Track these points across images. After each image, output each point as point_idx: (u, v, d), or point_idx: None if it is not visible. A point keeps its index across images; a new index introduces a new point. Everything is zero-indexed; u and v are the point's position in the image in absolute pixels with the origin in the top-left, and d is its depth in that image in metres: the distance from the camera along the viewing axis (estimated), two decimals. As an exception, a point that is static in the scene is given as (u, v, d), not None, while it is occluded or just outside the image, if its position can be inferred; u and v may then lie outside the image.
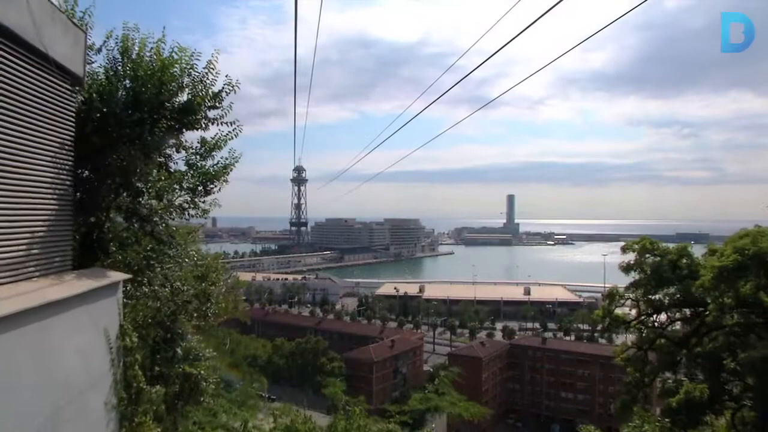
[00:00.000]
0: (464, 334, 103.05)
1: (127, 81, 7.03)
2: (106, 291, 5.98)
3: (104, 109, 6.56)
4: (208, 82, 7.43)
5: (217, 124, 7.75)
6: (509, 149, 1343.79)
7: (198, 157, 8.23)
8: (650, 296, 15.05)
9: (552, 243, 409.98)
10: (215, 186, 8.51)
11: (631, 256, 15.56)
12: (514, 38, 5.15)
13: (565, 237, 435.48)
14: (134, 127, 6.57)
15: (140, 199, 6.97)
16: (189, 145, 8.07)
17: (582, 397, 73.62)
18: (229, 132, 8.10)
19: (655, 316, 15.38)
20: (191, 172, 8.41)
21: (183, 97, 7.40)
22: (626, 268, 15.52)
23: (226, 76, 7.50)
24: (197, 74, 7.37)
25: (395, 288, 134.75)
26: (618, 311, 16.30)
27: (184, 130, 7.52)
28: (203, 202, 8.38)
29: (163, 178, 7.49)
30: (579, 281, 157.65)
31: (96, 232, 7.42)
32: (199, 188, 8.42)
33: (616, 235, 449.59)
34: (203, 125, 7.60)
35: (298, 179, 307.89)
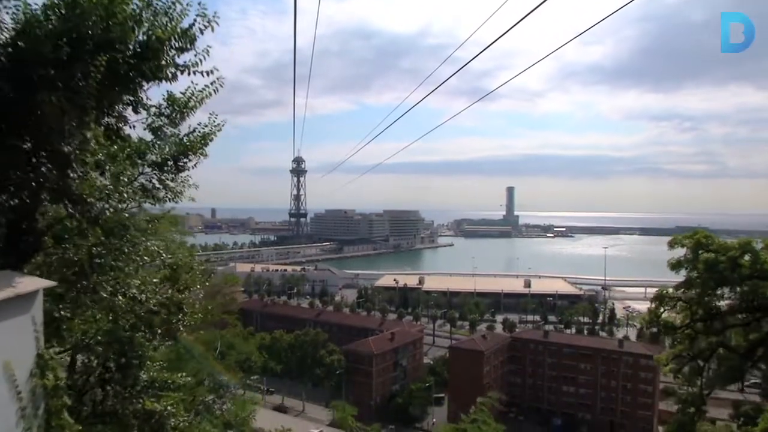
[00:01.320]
0: (464, 327, 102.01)
1: (63, 11, 4.97)
2: (12, 307, 4.02)
3: (19, 43, 4.52)
4: (175, 14, 5.38)
5: (189, 73, 5.66)
6: (509, 141, 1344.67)
7: (166, 120, 6.19)
8: (707, 298, 13.13)
9: (551, 235, 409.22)
10: (189, 160, 6.51)
11: (679, 252, 13.60)
12: (510, 28, 5.09)
13: (564, 229, 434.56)
14: (61, 68, 4.53)
15: (69, 172, 4.89)
16: (152, 104, 6.00)
17: (584, 391, 72.62)
18: (207, 87, 6.04)
19: (711, 321, 13.44)
20: (159, 142, 6.40)
21: (141, 36, 5.36)
22: (675, 265, 13.57)
23: (199, 4, 5.41)
24: (161, 4, 5.32)
25: (395, 279, 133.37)
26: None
27: (142, 81, 5.46)
28: (172, 180, 6.38)
29: (115, 146, 5.48)
30: (579, 274, 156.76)
31: (25, 222, 5.45)
32: (170, 163, 6.42)
33: (615, 228, 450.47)
34: (169, 74, 5.52)
35: (298, 170, 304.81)
